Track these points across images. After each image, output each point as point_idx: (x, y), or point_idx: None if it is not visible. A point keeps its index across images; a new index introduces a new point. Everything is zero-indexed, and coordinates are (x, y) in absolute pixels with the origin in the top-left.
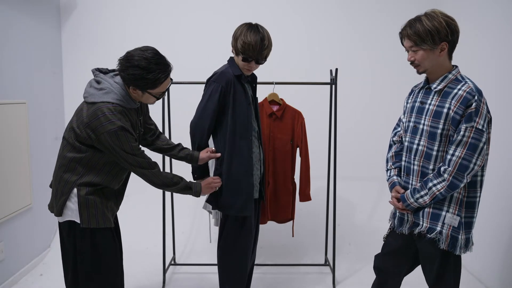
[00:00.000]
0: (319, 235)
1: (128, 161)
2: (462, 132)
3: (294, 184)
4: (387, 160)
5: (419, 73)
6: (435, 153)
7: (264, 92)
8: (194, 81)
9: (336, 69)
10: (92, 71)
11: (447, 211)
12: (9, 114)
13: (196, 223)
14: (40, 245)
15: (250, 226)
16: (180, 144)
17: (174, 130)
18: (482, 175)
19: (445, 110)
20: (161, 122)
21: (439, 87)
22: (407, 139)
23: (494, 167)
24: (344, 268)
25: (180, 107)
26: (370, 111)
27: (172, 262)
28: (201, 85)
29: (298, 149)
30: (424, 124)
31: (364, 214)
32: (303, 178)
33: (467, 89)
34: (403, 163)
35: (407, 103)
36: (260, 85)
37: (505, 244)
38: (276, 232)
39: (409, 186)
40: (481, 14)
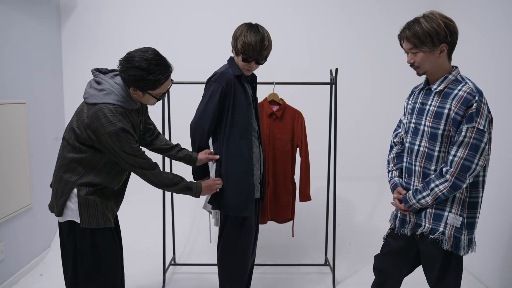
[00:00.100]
0: (319, 235)
1: (129, 162)
2: (464, 133)
3: (294, 184)
4: (388, 162)
5: (419, 75)
6: (437, 154)
7: (264, 92)
8: (194, 81)
9: (336, 69)
10: (92, 71)
11: (450, 212)
12: (9, 114)
13: (196, 223)
14: (40, 245)
15: (250, 226)
16: (179, 145)
17: (174, 130)
18: (484, 175)
19: (446, 111)
20: (161, 122)
21: (440, 88)
22: (408, 140)
23: (494, 167)
24: (344, 268)
25: (180, 107)
26: (370, 111)
27: (172, 262)
28: (201, 85)
29: (298, 149)
30: (425, 125)
31: (364, 214)
32: (303, 178)
33: (468, 90)
34: (405, 165)
35: (408, 104)
36: (260, 85)
37: (505, 244)
38: (276, 232)
39: (411, 187)
40: (481, 14)
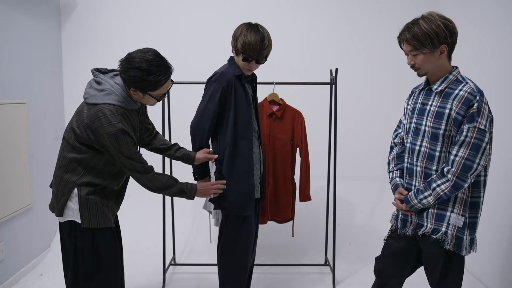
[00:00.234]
0: (319, 235)
1: (125, 164)
2: (465, 133)
3: (294, 184)
4: (389, 162)
5: (420, 76)
6: (438, 154)
7: (264, 92)
8: (194, 81)
9: (336, 69)
10: (92, 71)
11: (452, 212)
12: (9, 114)
13: (196, 223)
14: (40, 245)
15: (250, 226)
16: (177, 144)
17: (174, 130)
18: (485, 175)
19: (447, 111)
20: (161, 122)
21: (440, 88)
22: (409, 141)
23: (494, 167)
24: (344, 268)
25: (180, 107)
26: (370, 111)
27: (172, 262)
28: (201, 85)
29: (298, 149)
30: (426, 125)
31: (364, 214)
32: (303, 178)
33: (469, 90)
34: (406, 165)
35: (408, 105)
36: (260, 85)
37: (505, 244)
38: (276, 232)
39: (412, 188)
40: (481, 14)
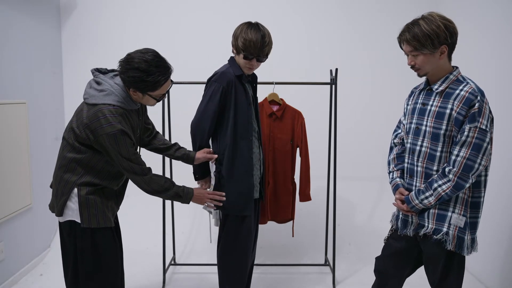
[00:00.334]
0: (319, 235)
1: (123, 165)
2: (466, 133)
3: (294, 184)
4: (389, 163)
5: (420, 76)
6: (439, 154)
7: (264, 92)
8: (194, 81)
9: (336, 69)
10: (92, 72)
11: (453, 212)
12: (9, 114)
13: (196, 223)
14: (40, 245)
15: (250, 226)
16: (177, 144)
17: (174, 130)
18: (486, 175)
19: (448, 111)
20: (161, 122)
21: (441, 88)
22: (409, 141)
23: (494, 167)
24: (344, 268)
25: (180, 107)
26: (370, 111)
27: (172, 262)
28: (201, 85)
29: (298, 149)
30: (427, 126)
31: (364, 214)
32: (303, 178)
33: (470, 90)
34: (406, 165)
35: (407, 105)
36: (260, 85)
37: (505, 244)
38: (276, 232)
39: (413, 188)
40: (481, 14)
